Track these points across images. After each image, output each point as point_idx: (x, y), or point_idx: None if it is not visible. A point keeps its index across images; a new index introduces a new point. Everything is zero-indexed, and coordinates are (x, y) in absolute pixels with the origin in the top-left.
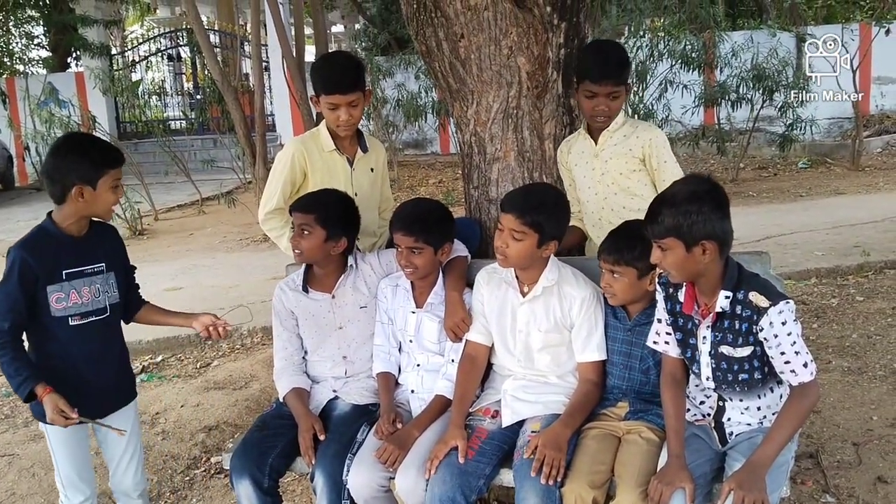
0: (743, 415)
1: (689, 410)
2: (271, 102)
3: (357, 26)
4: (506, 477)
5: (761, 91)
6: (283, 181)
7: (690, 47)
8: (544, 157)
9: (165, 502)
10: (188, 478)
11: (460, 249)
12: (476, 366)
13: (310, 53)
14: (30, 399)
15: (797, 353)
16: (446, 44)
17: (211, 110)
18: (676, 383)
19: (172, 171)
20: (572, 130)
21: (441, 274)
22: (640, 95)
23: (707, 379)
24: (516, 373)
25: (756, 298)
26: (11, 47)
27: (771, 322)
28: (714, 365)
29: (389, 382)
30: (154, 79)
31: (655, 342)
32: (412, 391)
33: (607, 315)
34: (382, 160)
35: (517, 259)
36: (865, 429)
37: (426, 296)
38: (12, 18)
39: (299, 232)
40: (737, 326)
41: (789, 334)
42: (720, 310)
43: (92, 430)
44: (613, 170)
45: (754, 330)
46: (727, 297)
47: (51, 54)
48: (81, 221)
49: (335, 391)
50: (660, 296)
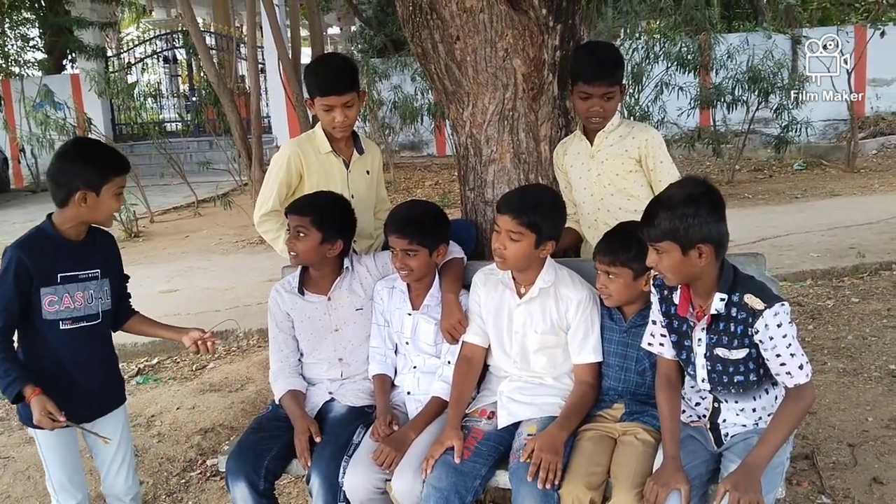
0: (738, 416)
1: (685, 412)
2: (267, 104)
3: (353, 28)
4: (501, 478)
5: (757, 93)
6: (279, 183)
7: (686, 49)
8: (540, 159)
9: None
10: (184, 480)
11: (456, 251)
12: (472, 367)
13: (306, 55)
14: (17, 400)
15: (792, 356)
16: (442, 46)
17: (207, 112)
18: (671, 385)
19: (168, 174)
20: (568, 132)
21: (437, 276)
22: (637, 97)
23: (702, 381)
24: (512, 374)
25: (751, 301)
26: (7, 49)
27: (766, 324)
28: (709, 367)
29: (385, 384)
30: (150, 81)
31: (650, 344)
32: (408, 393)
33: (603, 317)
34: (378, 162)
35: (515, 260)
36: (861, 430)
37: (422, 298)
38: (8, 20)
39: (295, 234)
40: (732, 329)
41: (784, 336)
42: (715, 312)
43: (81, 435)
44: (610, 171)
45: (749, 332)
46: (722, 300)
47: (46, 56)
48: (81, 226)
49: (331, 393)
50: (654, 298)
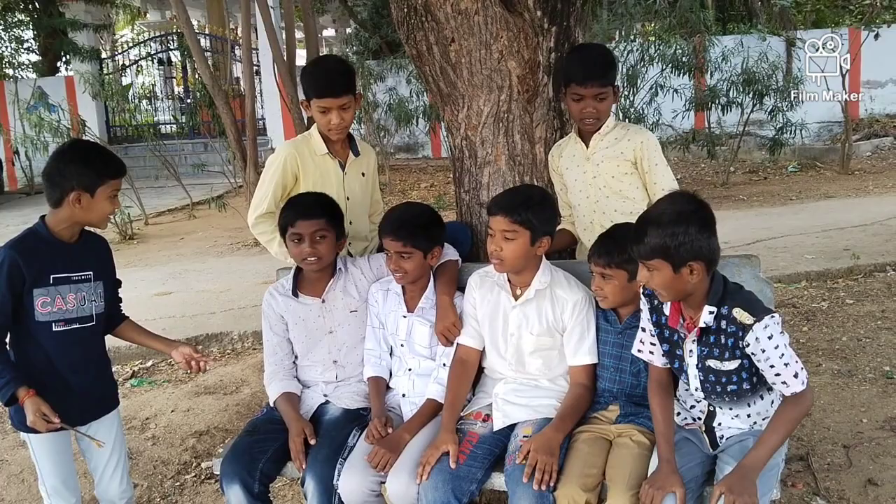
0: (734, 420)
1: (680, 414)
2: (262, 106)
3: (348, 30)
4: (497, 481)
5: (751, 95)
6: (275, 185)
7: (681, 51)
8: (535, 161)
9: None
10: (178, 483)
11: (451, 253)
12: (467, 369)
13: (301, 57)
14: (11, 402)
15: (786, 365)
16: (437, 48)
17: (201, 114)
18: (664, 389)
19: (163, 176)
20: (563, 134)
21: (432, 278)
22: (631, 100)
23: (696, 389)
24: (507, 376)
25: (740, 315)
26: (1, 51)
27: (757, 338)
28: (702, 377)
29: (380, 387)
30: (144, 83)
31: (640, 350)
32: (403, 395)
33: (598, 318)
34: (373, 165)
35: (513, 260)
36: (855, 431)
37: (417, 300)
38: (1, 22)
39: (314, 238)
40: (722, 341)
41: (776, 348)
42: (704, 325)
43: (74, 438)
44: (605, 173)
45: (741, 345)
46: (711, 313)
47: (40, 58)
48: (74, 228)
49: (326, 395)
50: (644, 307)
